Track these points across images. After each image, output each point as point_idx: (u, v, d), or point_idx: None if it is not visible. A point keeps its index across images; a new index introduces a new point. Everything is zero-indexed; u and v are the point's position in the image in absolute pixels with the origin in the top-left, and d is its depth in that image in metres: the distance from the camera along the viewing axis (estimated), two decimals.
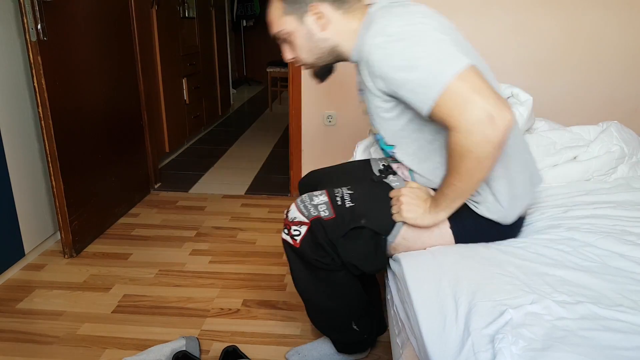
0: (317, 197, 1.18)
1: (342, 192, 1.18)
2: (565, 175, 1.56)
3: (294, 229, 1.18)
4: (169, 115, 3.26)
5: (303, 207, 1.17)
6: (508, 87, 1.74)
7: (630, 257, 1.01)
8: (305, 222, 1.16)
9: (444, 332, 0.79)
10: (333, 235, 1.14)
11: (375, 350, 1.49)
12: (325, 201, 1.16)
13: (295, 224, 1.17)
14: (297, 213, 1.17)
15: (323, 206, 1.15)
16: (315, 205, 1.16)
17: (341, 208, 1.15)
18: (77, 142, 2.06)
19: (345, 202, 1.15)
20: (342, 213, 1.14)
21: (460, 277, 0.93)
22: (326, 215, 1.14)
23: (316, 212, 1.15)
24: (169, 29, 3.27)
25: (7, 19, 1.83)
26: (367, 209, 1.15)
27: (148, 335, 1.55)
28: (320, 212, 1.14)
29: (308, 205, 1.16)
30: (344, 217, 1.13)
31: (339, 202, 1.15)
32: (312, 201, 1.17)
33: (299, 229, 1.17)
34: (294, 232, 1.18)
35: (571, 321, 0.78)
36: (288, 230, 1.19)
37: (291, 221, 1.18)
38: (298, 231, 1.17)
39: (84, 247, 2.13)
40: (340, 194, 1.17)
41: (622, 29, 2.33)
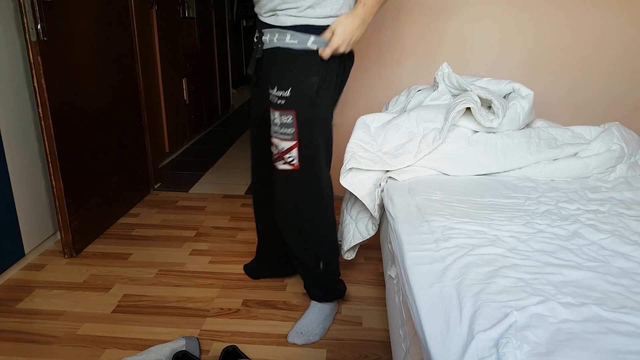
0: (279, 125, 1.36)
1: (280, 99, 1.35)
2: (564, 170, 1.57)
3: (287, 156, 1.38)
4: (169, 115, 3.26)
5: (281, 135, 1.36)
6: (509, 83, 1.75)
7: (634, 258, 1.01)
8: (293, 144, 1.36)
9: (447, 334, 0.79)
10: (311, 126, 1.37)
11: (375, 350, 1.49)
12: (286, 119, 1.34)
13: (286, 152, 1.37)
14: (283, 143, 1.37)
15: (287, 119, 1.34)
16: (284, 125, 1.35)
17: (292, 103, 1.33)
18: (77, 142, 2.06)
19: (291, 99, 1.34)
20: (298, 106, 1.34)
21: (464, 276, 0.93)
22: (292, 123, 1.34)
23: (291, 129, 1.34)
24: (169, 29, 3.26)
25: (7, 18, 1.83)
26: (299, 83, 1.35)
27: (148, 335, 1.55)
28: (289, 127, 1.34)
29: (282, 132, 1.36)
30: (302, 103, 1.34)
31: (288, 103, 1.34)
32: (280, 129, 1.36)
33: (291, 154, 1.37)
34: (289, 159, 1.38)
35: (575, 323, 0.78)
36: (284, 161, 1.39)
37: (282, 152, 1.38)
38: (291, 156, 1.38)
39: (84, 247, 2.13)
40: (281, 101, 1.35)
41: (622, 29, 2.33)
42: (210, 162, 3.42)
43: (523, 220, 1.20)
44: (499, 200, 1.36)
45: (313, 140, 1.39)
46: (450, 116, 1.57)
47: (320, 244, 1.54)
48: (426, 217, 1.22)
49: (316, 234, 1.52)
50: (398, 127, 1.67)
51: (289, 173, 1.42)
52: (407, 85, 2.41)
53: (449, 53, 2.41)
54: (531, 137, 1.63)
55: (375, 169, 1.55)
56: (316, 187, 1.46)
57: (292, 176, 1.43)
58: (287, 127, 1.36)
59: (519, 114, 1.65)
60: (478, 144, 1.60)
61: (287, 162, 1.40)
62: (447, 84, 1.80)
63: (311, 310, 1.60)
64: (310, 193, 1.46)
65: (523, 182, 1.52)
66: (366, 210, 1.66)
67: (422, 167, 1.59)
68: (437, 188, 1.45)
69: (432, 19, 2.37)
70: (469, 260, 0.99)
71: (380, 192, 1.58)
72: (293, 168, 1.41)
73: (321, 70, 1.35)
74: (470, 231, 1.13)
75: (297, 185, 1.44)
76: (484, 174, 1.60)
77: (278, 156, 1.41)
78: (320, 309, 1.60)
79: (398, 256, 1.13)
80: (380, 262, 2.02)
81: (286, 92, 1.33)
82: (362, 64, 2.48)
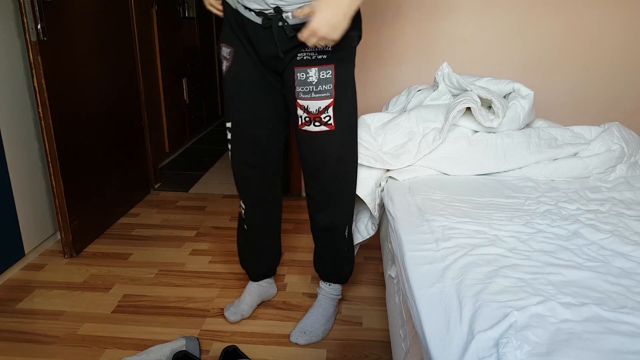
0: (315, 83, 1.28)
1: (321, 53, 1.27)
2: (564, 170, 1.57)
3: (324, 116, 1.30)
4: (169, 115, 3.26)
5: (316, 94, 1.28)
6: (509, 83, 1.75)
7: (634, 258, 1.01)
8: (330, 103, 1.29)
9: (447, 334, 0.79)
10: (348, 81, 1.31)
11: (376, 350, 1.49)
12: (325, 74, 1.27)
13: (323, 111, 1.29)
14: (319, 102, 1.29)
15: (326, 74, 1.27)
16: (322, 81, 1.27)
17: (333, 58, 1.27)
18: (77, 142, 2.06)
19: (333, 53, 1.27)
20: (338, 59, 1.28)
21: (464, 276, 0.93)
22: (331, 78, 1.27)
23: (329, 85, 1.27)
24: (169, 29, 3.26)
25: (7, 19, 1.83)
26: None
27: (148, 335, 1.55)
28: (328, 83, 1.27)
29: (318, 89, 1.28)
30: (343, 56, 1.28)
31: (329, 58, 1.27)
32: (316, 87, 1.28)
33: (328, 112, 1.29)
34: (326, 119, 1.30)
35: (575, 323, 0.78)
36: (320, 121, 1.31)
37: (317, 112, 1.30)
38: (328, 115, 1.30)
39: (84, 247, 2.13)
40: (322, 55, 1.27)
41: (622, 29, 2.33)
42: (210, 162, 3.42)
43: (523, 220, 1.20)
44: (499, 200, 1.36)
45: (349, 98, 1.34)
46: (451, 116, 1.57)
47: (348, 206, 1.49)
48: (426, 217, 1.22)
49: (347, 194, 1.46)
50: (398, 126, 1.67)
51: (324, 135, 1.33)
52: (407, 85, 2.41)
53: (449, 53, 2.41)
54: (531, 137, 1.63)
55: (376, 166, 1.55)
56: (350, 146, 1.40)
57: (326, 138, 1.34)
58: (326, 83, 1.28)
59: (519, 114, 1.65)
60: (478, 144, 1.60)
61: (323, 123, 1.31)
62: (447, 84, 1.80)
63: (315, 310, 1.60)
64: (345, 151, 1.39)
65: (523, 182, 1.52)
66: (366, 210, 1.66)
67: (422, 166, 1.59)
68: (437, 188, 1.45)
69: (432, 19, 2.37)
70: (469, 260, 0.99)
71: (380, 191, 1.58)
72: (329, 129, 1.32)
73: (358, 24, 1.32)
74: (470, 231, 1.13)
75: (323, 146, 1.35)
76: (484, 173, 1.60)
77: (312, 118, 1.31)
78: (325, 309, 1.60)
79: (398, 256, 1.13)
80: (380, 262, 2.02)
81: (327, 47, 1.26)
82: (362, 64, 2.48)
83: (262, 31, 1.26)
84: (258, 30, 1.27)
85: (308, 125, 1.33)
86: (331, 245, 1.55)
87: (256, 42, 1.29)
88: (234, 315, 1.61)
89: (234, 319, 1.61)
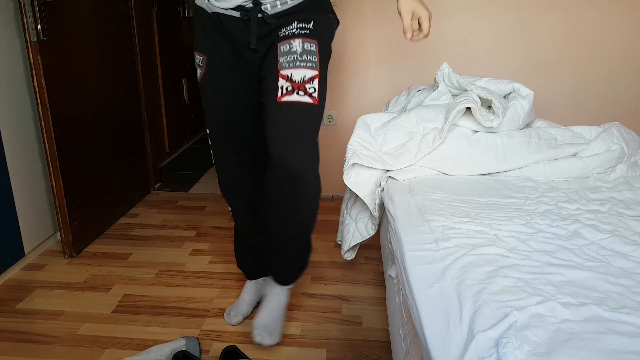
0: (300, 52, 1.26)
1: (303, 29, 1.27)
2: (564, 170, 1.57)
3: (309, 86, 1.24)
4: (169, 115, 3.26)
5: (302, 62, 1.24)
6: (509, 83, 1.75)
7: (634, 258, 1.01)
8: (315, 74, 1.24)
9: (447, 334, 0.79)
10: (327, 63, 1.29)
11: (376, 350, 1.49)
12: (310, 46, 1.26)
13: (308, 81, 1.24)
14: (305, 71, 1.24)
15: (311, 47, 1.25)
16: (308, 52, 1.25)
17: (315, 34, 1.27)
18: (77, 142, 2.06)
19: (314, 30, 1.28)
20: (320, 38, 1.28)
21: (464, 276, 0.93)
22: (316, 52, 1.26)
23: (315, 57, 1.24)
24: (169, 29, 3.26)
25: (7, 19, 1.83)
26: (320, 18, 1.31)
27: (148, 335, 1.55)
28: (314, 55, 1.25)
29: (304, 58, 1.25)
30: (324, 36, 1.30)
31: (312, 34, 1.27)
32: (302, 56, 1.25)
33: (313, 84, 1.24)
34: (311, 90, 1.24)
35: (575, 323, 0.78)
36: (305, 91, 1.24)
37: (302, 81, 1.24)
38: (313, 87, 1.24)
39: (84, 247, 2.13)
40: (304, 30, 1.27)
41: (622, 29, 2.33)
42: (210, 162, 3.42)
43: (523, 220, 1.20)
44: (499, 200, 1.36)
45: (325, 81, 1.31)
46: (451, 116, 1.57)
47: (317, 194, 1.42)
48: (426, 217, 1.22)
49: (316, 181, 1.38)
50: (398, 126, 1.67)
51: (306, 107, 1.26)
52: (407, 85, 2.41)
53: (449, 53, 2.41)
54: (531, 137, 1.63)
55: (376, 167, 1.55)
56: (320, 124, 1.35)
57: (307, 110, 1.26)
58: (311, 54, 1.26)
59: (519, 113, 1.65)
60: (478, 144, 1.60)
61: (307, 93, 1.25)
62: (447, 84, 1.80)
63: (272, 302, 1.52)
64: (317, 129, 1.33)
65: (523, 182, 1.52)
66: (366, 210, 1.66)
67: (422, 166, 1.59)
68: (437, 188, 1.45)
69: (433, 19, 2.36)
70: (469, 260, 0.99)
71: (380, 191, 1.58)
72: (313, 102, 1.26)
73: (333, 12, 1.36)
74: (470, 231, 1.13)
75: (303, 118, 1.27)
76: (484, 173, 1.60)
77: (295, 87, 1.25)
78: (282, 300, 1.53)
79: (398, 256, 1.13)
80: (380, 262, 2.02)
81: (309, 25, 1.28)
82: (362, 64, 2.48)
83: (240, 22, 1.28)
84: (237, 24, 1.29)
85: (290, 94, 1.25)
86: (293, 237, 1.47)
87: (237, 36, 1.31)
88: (235, 317, 1.61)
89: (235, 321, 1.60)
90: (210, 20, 1.33)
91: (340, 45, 2.45)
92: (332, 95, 2.55)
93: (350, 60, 2.47)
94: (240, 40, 1.31)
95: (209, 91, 1.40)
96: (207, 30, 1.35)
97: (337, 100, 2.56)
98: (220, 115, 1.41)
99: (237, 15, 1.28)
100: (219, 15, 1.30)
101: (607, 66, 2.40)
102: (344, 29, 2.42)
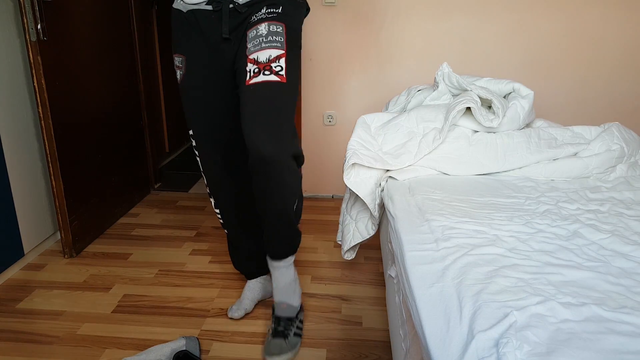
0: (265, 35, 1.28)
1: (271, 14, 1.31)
2: (564, 170, 1.57)
3: (275, 65, 1.24)
4: (169, 115, 3.26)
5: (268, 43, 1.26)
6: (509, 83, 1.75)
7: (634, 258, 1.01)
8: (282, 53, 1.26)
9: (447, 334, 0.79)
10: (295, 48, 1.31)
11: (376, 350, 1.49)
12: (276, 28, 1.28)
13: (274, 60, 1.25)
14: (270, 51, 1.25)
15: (277, 28, 1.28)
16: (274, 33, 1.27)
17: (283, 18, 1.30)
18: (77, 142, 2.06)
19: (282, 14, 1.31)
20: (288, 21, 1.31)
21: (464, 276, 0.93)
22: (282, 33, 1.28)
23: (281, 38, 1.26)
24: (169, 29, 3.26)
25: (7, 19, 1.83)
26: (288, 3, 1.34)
27: (148, 335, 1.55)
28: (280, 35, 1.27)
29: (270, 39, 1.26)
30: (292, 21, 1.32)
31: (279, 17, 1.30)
32: (267, 37, 1.27)
33: (279, 62, 1.25)
34: (277, 68, 1.25)
35: (575, 323, 0.78)
36: (271, 70, 1.24)
37: (268, 61, 1.25)
38: (279, 65, 1.25)
39: (84, 247, 2.13)
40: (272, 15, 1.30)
41: (622, 29, 2.33)
42: None
43: (523, 220, 1.20)
44: (499, 199, 1.36)
45: (296, 54, 1.33)
46: (451, 116, 1.57)
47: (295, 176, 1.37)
48: (426, 217, 1.22)
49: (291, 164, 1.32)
50: (398, 126, 1.67)
51: (273, 85, 1.25)
52: (407, 85, 2.41)
53: (449, 53, 2.41)
54: (531, 137, 1.63)
55: (376, 167, 1.55)
56: (293, 104, 1.33)
57: (275, 88, 1.25)
58: (277, 35, 1.28)
59: (519, 113, 1.65)
60: (478, 144, 1.60)
61: (274, 72, 1.25)
62: (447, 84, 1.80)
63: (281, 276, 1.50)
64: (290, 109, 1.31)
65: (523, 182, 1.52)
66: (366, 210, 1.66)
67: (423, 166, 1.59)
68: (437, 187, 1.45)
69: (432, 19, 2.37)
70: (469, 260, 0.99)
71: (380, 191, 1.58)
72: (280, 80, 1.25)
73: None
74: (470, 231, 1.13)
75: (278, 99, 1.26)
76: (484, 173, 1.60)
77: (261, 67, 1.25)
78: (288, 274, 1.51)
79: (398, 256, 1.13)
80: (380, 262, 2.02)
81: (277, 9, 1.31)
82: (362, 64, 2.48)
83: (213, 14, 1.32)
84: (210, 17, 1.33)
85: (257, 76, 1.25)
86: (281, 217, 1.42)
87: (211, 30, 1.34)
88: (237, 312, 1.62)
89: (237, 315, 1.62)
90: (186, 20, 1.37)
91: (340, 46, 2.45)
92: (332, 95, 2.55)
93: (350, 60, 2.47)
94: (214, 33, 1.34)
95: (190, 91, 1.43)
96: (184, 31, 1.39)
97: (337, 100, 2.56)
98: (202, 114, 1.43)
99: (210, 9, 1.32)
100: (194, 12, 1.34)
101: (607, 66, 2.40)
102: (344, 29, 2.42)
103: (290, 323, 1.51)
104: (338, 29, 2.42)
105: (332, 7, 2.38)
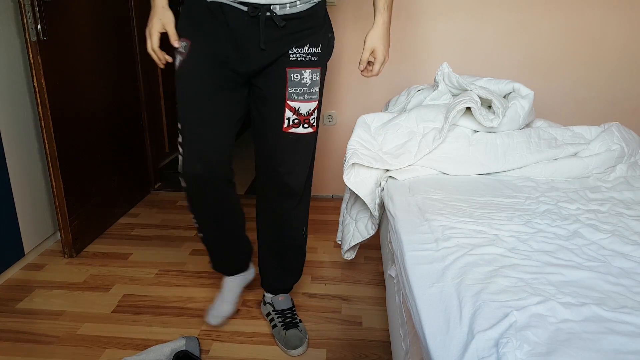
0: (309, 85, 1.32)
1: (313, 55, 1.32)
2: (564, 170, 1.57)
3: (312, 118, 1.34)
4: (169, 115, 3.26)
5: (309, 96, 1.32)
6: (509, 83, 1.75)
7: (634, 258, 1.01)
8: (317, 105, 1.35)
9: (447, 334, 0.79)
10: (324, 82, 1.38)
11: (376, 350, 1.49)
12: (316, 77, 1.32)
13: (312, 113, 1.34)
14: (309, 104, 1.33)
15: (317, 77, 1.32)
16: (314, 84, 1.32)
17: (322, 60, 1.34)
18: (77, 142, 2.06)
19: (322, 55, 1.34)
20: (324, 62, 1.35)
21: (464, 276, 0.93)
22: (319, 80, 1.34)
23: (317, 87, 1.32)
24: None
25: (7, 19, 1.83)
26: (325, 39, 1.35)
27: (148, 335, 1.55)
28: (317, 85, 1.33)
29: (310, 91, 1.32)
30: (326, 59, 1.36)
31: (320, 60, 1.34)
32: (309, 89, 1.32)
33: (315, 114, 1.35)
34: (312, 121, 1.35)
35: (575, 323, 0.78)
36: (308, 124, 1.34)
37: (307, 114, 1.33)
38: (314, 117, 1.35)
39: (84, 247, 2.13)
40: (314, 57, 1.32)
41: (623, 29, 2.33)
42: None
43: (523, 219, 1.20)
44: (499, 199, 1.36)
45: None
46: (450, 116, 1.57)
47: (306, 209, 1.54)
48: (426, 217, 1.22)
49: (308, 195, 1.52)
50: (398, 126, 1.67)
51: (309, 137, 1.37)
52: (407, 85, 2.41)
53: (449, 53, 2.41)
54: (531, 136, 1.63)
55: (376, 166, 1.55)
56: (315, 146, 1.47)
57: (306, 139, 1.37)
58: (316, 85, 1.33)
59: (519, 113, 1.65)
60: (478, 144, 1.60)
61: (310, 124, 1.35)
62: (447, 84, 1.80)
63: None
64: (313, 151, 1.44)
65: (523, 182, 1.52)
66: (366, 210, 1.66)
67: (422, 166, 1.59)
68: (437, 187, 1.45)
69: (432, 19, 2.37)
70: (469, 260, 0.99)
71: (380, 191, 1.58)
72: (313, 131, 1.37)
73: (332, 28, 1.38)
74: (470, 231, 1.13)
75: (306, 146, 1.39)
76: (484, 173, 1.60)
77: (302, 120, 1.34)
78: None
79: (398, 255, 1.13)
80: (380, 262, 2.02)
81: (318, 49, 1.30)
82: None
83: (247, 18, 1.22)
84: (243, 18, 1.23)
85: (296, 127, 1.34)
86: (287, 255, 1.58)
87: (241, 31, 1.25)
88: (215, 319, 1.57)
89: (215, 322, 1.57)
90: (206, 9, 1.27)
91: (341, 46, 2.45)
92: (332, 95, 2.55)
93: (350, 60, 2.47)
94: (244, 35, 1.25)
95: (188, 80, 1.34)
96: (199, 17, 1.29)
97: (337, 100, 2.56)
98: (196, 108, 1.35)
99: (244, 9, 1.22)
100: (223, 5, 1.23)
101: (607, 66, 2.40)
102: (344, 29, 2.42)
103: (293, 311, 1.59)
104: (338, 29, 2.42)
105: (332, 7, 2.38)
